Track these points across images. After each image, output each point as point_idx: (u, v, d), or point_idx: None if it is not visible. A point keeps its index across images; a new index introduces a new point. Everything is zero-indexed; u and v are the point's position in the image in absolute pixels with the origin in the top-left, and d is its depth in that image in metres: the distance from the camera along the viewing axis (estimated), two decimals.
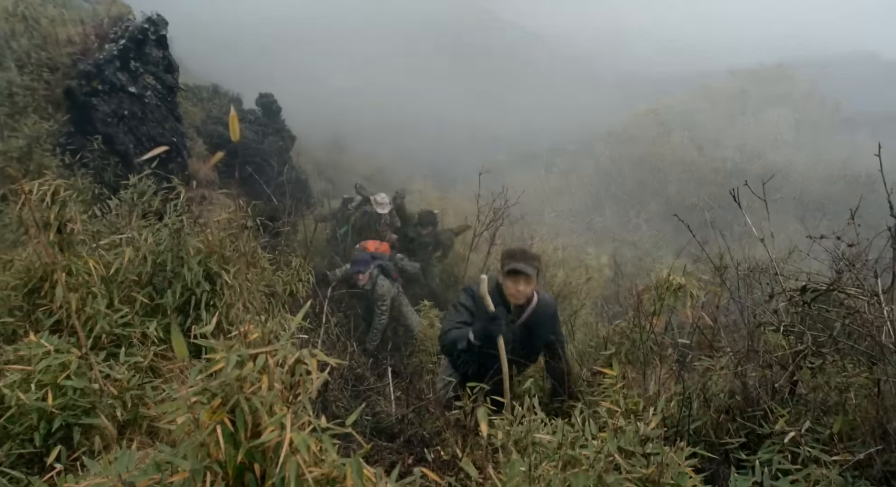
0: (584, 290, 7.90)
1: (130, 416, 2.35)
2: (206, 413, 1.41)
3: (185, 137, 6.21)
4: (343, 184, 14.34)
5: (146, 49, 5.38)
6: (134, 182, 3.89)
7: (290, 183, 8.48)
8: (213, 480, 1.40)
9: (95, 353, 2.52)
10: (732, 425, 2.86)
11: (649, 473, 1.82)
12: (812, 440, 2.16)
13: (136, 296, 2.98)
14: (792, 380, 2.74)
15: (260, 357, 1.54)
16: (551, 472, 1.80)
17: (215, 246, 3.35)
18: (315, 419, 1.57)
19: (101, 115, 4.99)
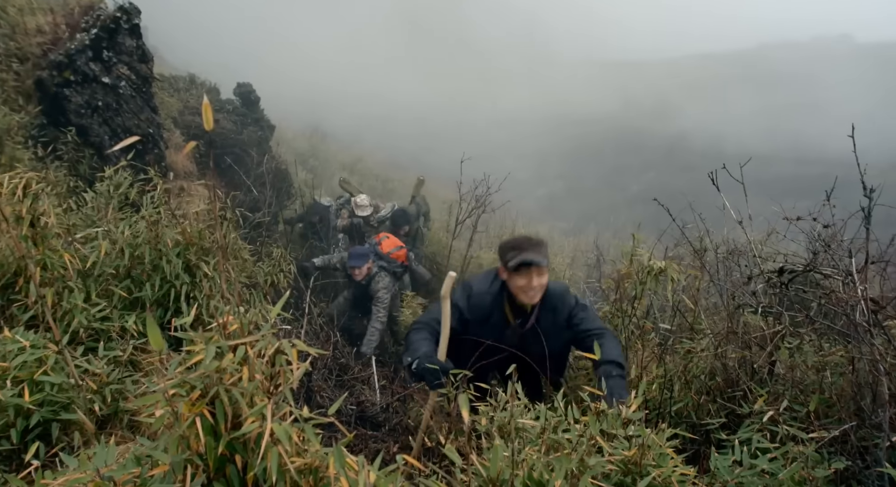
0: (566, 276, 7.95)
1: (111, 411, 2.33)
2: (186, 405, 1.39)
3: (162, 128, 6.11)
4: (325, 173, 14.27)
5: (119, 38, 5.27)
6: (110, 174, 3.83)
7: (271, 173, 8.40)
8: (194, 473, 1.39)
9: (73, 348, 2.49)
10: (713, 406, 2.91)
11: (631, 455, 1.83)
12: (790, 418, 2.19)
13: (114, 290, 2.95)
14: (770, 360, 2.78)
15: (240, 348, 1.53)
16: (534, 456, 1.81)
17: (194, 237, 3.32)
18: (297, 409, 1.56)
19: (73, 107, 4.89)
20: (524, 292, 2.95)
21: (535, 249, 2.92)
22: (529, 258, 2.86)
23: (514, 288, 2.98)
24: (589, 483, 1.60)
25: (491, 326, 3.06)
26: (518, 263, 2.88)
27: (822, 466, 1.89)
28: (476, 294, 3.11)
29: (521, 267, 2.89)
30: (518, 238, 3.11)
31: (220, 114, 9.19)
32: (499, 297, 3.10)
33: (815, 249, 2.61)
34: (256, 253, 5.68)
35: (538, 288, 2.93)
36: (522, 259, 2.87)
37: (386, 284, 6.12)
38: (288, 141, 15.49)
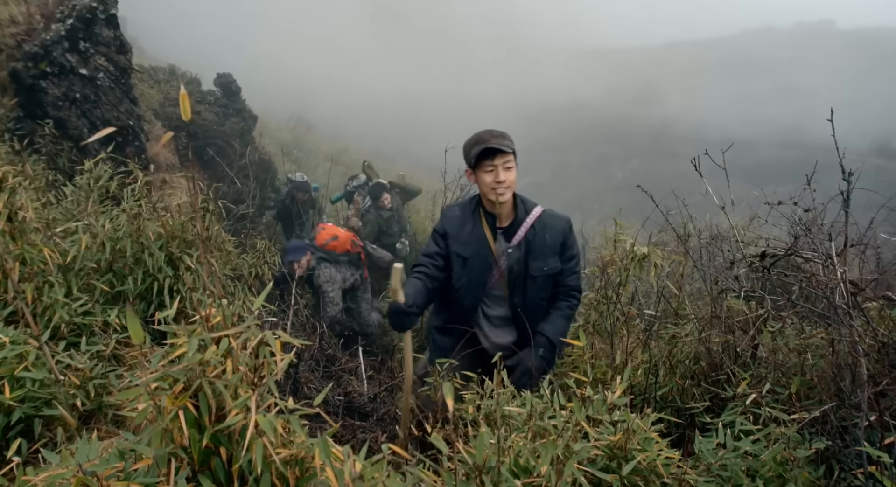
0: None
1: (94, 406, 2.31)
2: (169, 398, 1.38)
3: (143, 120, 6.03)
4: (309, 164, 14.18)
5: (96, 29, 5.18)
6: (89, 167, 3.78)
7: (254, 164, 8.33)
8: (178, 466, 1.38)
9: (55, 343, 2.46)
10: (697, 390, 2.94)
11: (616, 440, 1.85)
12: (772, 401, 2.22)
13: (96, 284, 2.91)
14: (753, 344, 2.82)
15: (223, 340, 1.52)
16: (521, 443, 1.82)
17: (176, 230, 3.28)
18: (282, 400, 1.56)
19: (51, 99, 4.81)
20: (492, 190, 2.73)
21: (498, 140, 2.70)
22: (491, 144, 2.65)
23: (481, 188, 2.79)
24: (574, 468, 1.62)
25: (468, 239, 2.87)
26: (479, 152, 2.66)
27: (803, 446, 1.92)
28: (447, 208, 3.06)
29: (483, 157, 2.68)
30: (479, 132, 2.80)
31: (202, 105, 9.08)
32: (469, 206, 2.94)
33: (795, 233, 2.64)
34: (241, 245, 5.64)
35: (507, 183, 2.72)
36: (483, 146, 2.66)
37: (329, 276, 5.77)
38: (271, 132, 15.38)
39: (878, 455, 1.72)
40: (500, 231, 2.89)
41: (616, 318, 3.63)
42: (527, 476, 1.65)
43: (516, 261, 2.84)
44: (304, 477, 1.47)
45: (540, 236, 2.85)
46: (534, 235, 2.85)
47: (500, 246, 2.88)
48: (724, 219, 3.52)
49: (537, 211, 2.90)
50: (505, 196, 2.75)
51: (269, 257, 4.54)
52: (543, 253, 2.85)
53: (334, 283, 5.76)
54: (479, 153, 2.67)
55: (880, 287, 2.58)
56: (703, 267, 3.77)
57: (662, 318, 3.88)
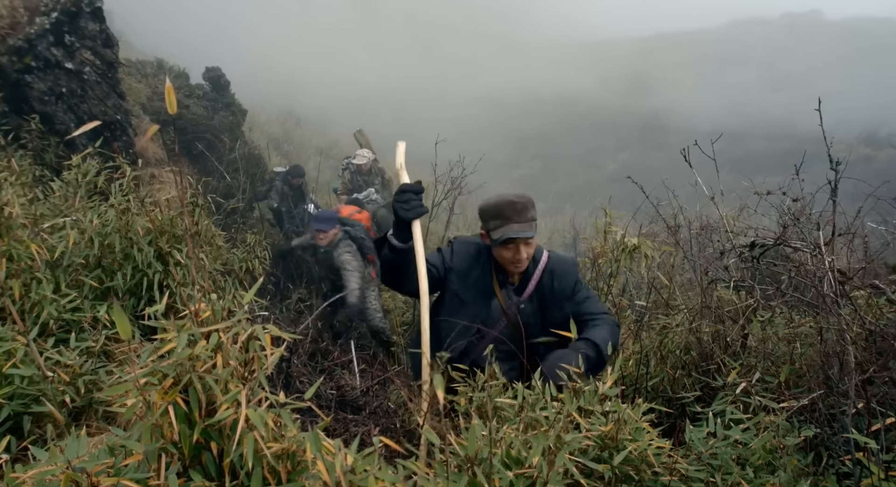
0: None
1: (84, 402, 2.30)
2: (158, 393, 1.38)
3: (130, 115, 5.98)
4: (299, 158, 14.12)
5: (81, 22, 5.12)
6: (77, 162, 3.74)
7: (244, 159, 8.29)
8: (169, 461, 1.37)
9: (44, 340, 2.45)
10: (688, 380, 2.96)
11: (607, 430, 1.86)
12: (762, 389, 2.24)
13: (85, 280, 2.89)
14: (743, 334, 2.83)
15: (213, 335, 1.51)
16: (512, 435, 1.83)
17: (165, 225, 3.26)
18: (273, 394, 1.55)
19: (36, 94, 4.76)
20: (510, 264, 2.62)
21: (521, 217, 2.53)
22: (514, 233, 2.49)
23: (497, 259, 2.66)
24: (566, 458, 1.62)
25: (475, 283, 2.70)
26: (502, 239, 2.52)
27: (791, 434, 1.93)
28: (461, 241, 2.80)
29: (506, 242, 2.55)
30: (500, 202, 2.58)
31: (190, 99, 9.02)
32: (484, 253, 2.74)
33: (784, 223, 2.65)
34: (231, 239, 5.62)
35: (526, 258, 2.59)
36: (507, 235, 2.50)
37: (352, 250, 5.68)
38: (261, 126, 15.30)
39: (865, 441, 1.74)
40: (512, 286, 2.73)
41: (607, 309, 3.64)
42: (519, 467, 1.66)
43: (532, 315, 2.68)
44: (296, 471, 1.47)
45: (550, 285, 2.70)
46: (544, 286, 2.70)
47: (510, 299, 2.72)
48: (713, 209, 3.53)
49: (544, 258, 2.75)
50: (522, 268, 2.64)
51: (259, 252, 4.52)
52: (557, 302, 2.69)
53: (354, 267, 5.62)
54: (504, 241, 2.52)
55: (868, 275, 2.60)
56: (694, 257, 3.78)
57: (653, 309, 3.90)
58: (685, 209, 4.09)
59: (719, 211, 3.36)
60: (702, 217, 4.35)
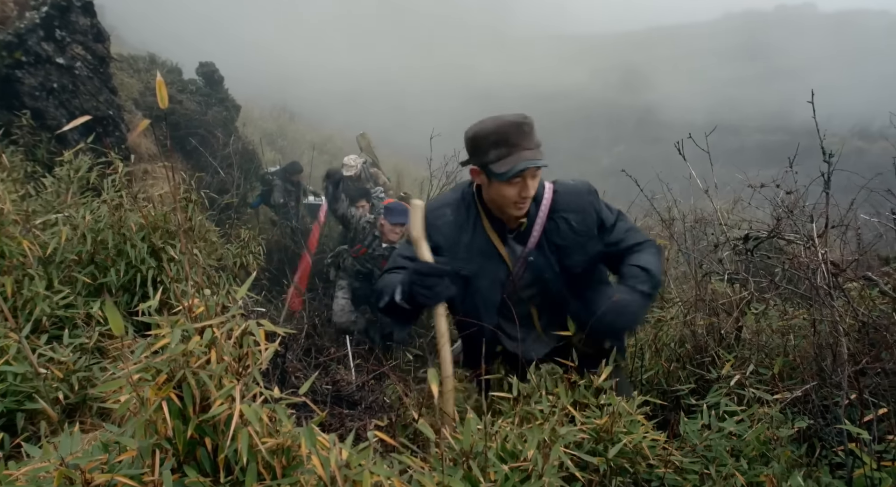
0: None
1: (79, 399, 2.29)
2: (152, 389, 1.37)
3: (123, 110, 5.94)
4: (294, 153, 14.08)
5: (72, 17, 5.08)
6: (69, 158, 3.72)
7: (237, 154, 8.26)
8: (163, 457, 1.37)
9: (37, 336, 2.44)
10: (683, 372, 2.97)
11: (602, 423, 1.87)
12: (756, 381, 2.25)
13: (78, 277, 2.88)
14: (737, 326, 2.84)
15: (206, 330, 1.51)
16: (507, 428, 1.83)
17: (158, 221, 3.25)
18: (268, 389, 1.55)
19: (27, 89, 4.72)
20: (514, 205, 2.08)
21: (530, 141, 2.03)
22: (527, 162, 1.98)
23: (497, 200, 2.11)
24: (561, 451, 1.63)
25: (470, 251, 2.18)
26: (512, 173, 1.98)
27: (785, 426, 1.94)
28: (431, 209, 2.20)
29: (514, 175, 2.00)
30: (503, 125, 2.03)
31: (183, 94, 8.98)
32: (463, 204, 2.22)
33: (778, 215, 2.66)
34: (226, 235, 5.61)
35: (529, 197, 2.09)
36: (518, 166, 1.97)
37: None
38: (254, 121, 15.24)
39: (857, 432, 1.75)
40: (511, 234, 2.22)
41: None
42: (514, 460, 1.66)
43: (545, 267, 2.20)
44: (291, 466, 1.47)
45: (564, 226, 2.19)
46: (556, 227, 2.19)
47: (515, 254, 2.22)
48: (708, 202, 3.54)
49: (548, 193, 2.20)
50: (526, 208, 2.13)
51: (253, 247, 4.51)
52: (577, 243, 2.20)
53: None
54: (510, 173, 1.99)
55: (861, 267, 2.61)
56: (688, 250, 3.79)
57: None
58: (679, 202, 4.10)
59: (713, 204, 3.37)
60: (696, 210, 4.36)
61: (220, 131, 8.58)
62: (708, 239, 4.09)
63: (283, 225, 8.01)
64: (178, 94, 8.80)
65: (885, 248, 3.41)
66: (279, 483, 1.41)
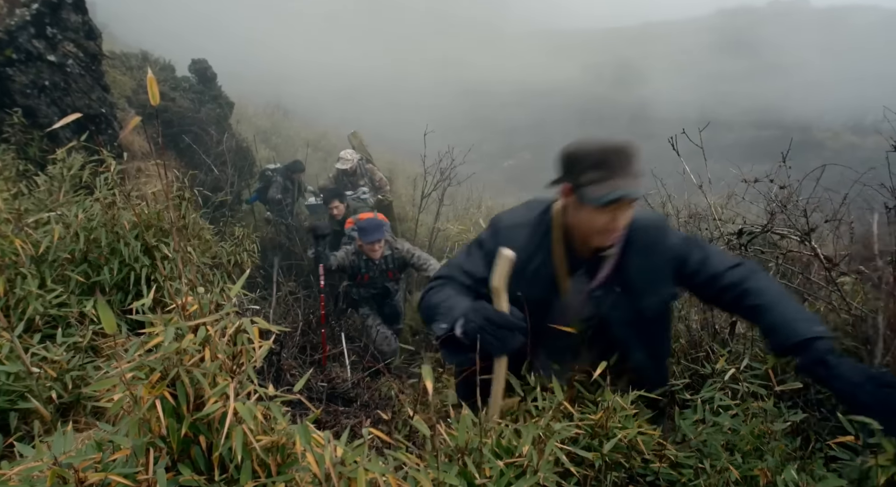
0: None
1: (73, 398, 2.29)
2: (145, 388, 1.37)
3: (116, 108, 5.92)
4: (288, 150, 14.05)
5: (63, 14, 5.05)
6: (62, 156, 3.70)
7: (231, 151, 8.24)
8: (157, 455, 1.37)
9: (30, 336, 2.43)
10: (677, 367, 2.97)
11: (597, 419, 1.87)
12: (750, 376, 2.25)
13: (71, 275, 2.87)
14: (731, 321, 2.85)
15: (200, 328, 1.50)
16: (503, 424, 1.83)
17: (152, 219, 3.24)
18: (262, 387, 1.55)
19: (18, 87, 4.69)
20: (599, 235, 1.91)
21: (630, 171, 1.83)
22: (624, 192, 1.79)
23: (582, 226, 1.93)
24: (556, 447, 1.63)
25: (534, 278, 2.01)
26: (608, 199, 1.79)
27: (779, 420, 1.95)
28: (506, 227, 2.08)
29: (608, 204, 1.81)
30: (606, 148, 1.85)
31: (176, 91, 8.95)
32: (540, 227, 2.06)
33: (771, 210, 2.66)
34: (220, 232, 5.59)
35: (621, 228, 1.91)
36: (614, 194, 1.79)
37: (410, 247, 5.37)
38: (248, 118, 15.20)
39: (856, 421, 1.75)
40: (582, 267, 2.05)
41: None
42: (509, 456, 1.66)
43: (611, 305, 2.03)
44: (286, 463, 1.47)
45: (640, 264, 2.01)
46: (630, 264, 2.01)
47: (580, 287, 2.06)
48: (702, 197, 3.54)
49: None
50: (612, 242, 1.95)
51: (247, 245, 4.50)
52: (651, 284, 2.02)
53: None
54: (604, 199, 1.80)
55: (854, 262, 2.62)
56: None
57: None
58: (673, 198, 4.10)
59: (707, 199, 3.37)
60: (690, 205, 4.37)
61: (214, 128, 8.55)
62: (702, 234, 4.10)
63: (277, 222, 7.99)
64: (170, 92, 8.76)
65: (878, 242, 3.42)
66: (274, 481, 1.41)
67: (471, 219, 8.01)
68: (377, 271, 5.24)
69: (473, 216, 8.17)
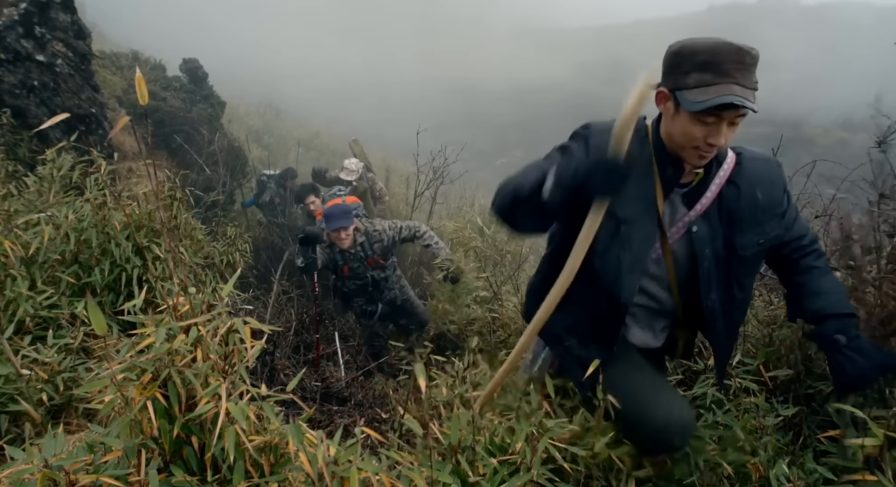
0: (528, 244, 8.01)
1: (65, 399, 2.27)
2: (137, 389, 1.36)
3: (106, 108, 5.87)
4: (280, 149, 14.01)
5: (52, 13, 5.01)
6: (52, 156, 3.68)
7: (223, 151, 8.20)
8: (149, 457, 1.36)
9: (20, 337, 2.41)
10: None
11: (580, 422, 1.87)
12: (742, 371, 2.26)
13: (61, 276, 2.85)
14: None
15: (192, 329, 1.50)
16: (496, 422, 1.83)
17: (143, 219, 3.22)
18: (255, 387, 1.54)
19: (7, 87, 4.66)
20: (693, 149, 1.68)
21: (746, 77, 1.59)
22: (734, 98, 1.55)
23: (676, 136, 1.70)
24: (548, 444, 1.63)
25: (637, 193, 1.77)
26: (711, 104, 1.56)
27: (771, 414, 1.96)
28: (598, 131, 1.78)
29: (713, 110, 1.58)
30: (718, 46, 1.59)
31: (167, 91, 8.90)
32: (642, 139, 1.80)
33: None
34: (213, 232, 5.57)
35: (722, 146, 1.66)
36: (721, 99, 1.55)
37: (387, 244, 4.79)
38: (240, 118, 15.15)
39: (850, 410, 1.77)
40: (681, 189, 1.82)
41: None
42: (502, 454, 1.67)
43: (706, 239, 1.80)
44: (279, 463, 1.47)
45: (746, 195, 1.79)
46: (736, 194, 1.79)
47: (675, 213, 1.82)
48: None
49: (731, 158, 1.81)
50: (709, 158, 1.71)
51: (240, 244, 4.48)
52: (757, 219, 1.81)
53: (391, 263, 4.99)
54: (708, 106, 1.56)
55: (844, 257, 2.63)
56: None
57: None
58: None
59: None
60: None
61: (206, 128, 8.51)
62: None
63: (270, 222, 7.99)
64: (161, 92, 8.71)
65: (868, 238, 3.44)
66: (267, 481, 1.41)
67: (464, 217, 8.01)
68: (355, 261, 4.78)
69: (467, 214, 8.18)
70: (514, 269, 5.96)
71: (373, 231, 4.75)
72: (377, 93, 28.37)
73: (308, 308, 5.79)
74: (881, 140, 2.28)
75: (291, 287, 6.30)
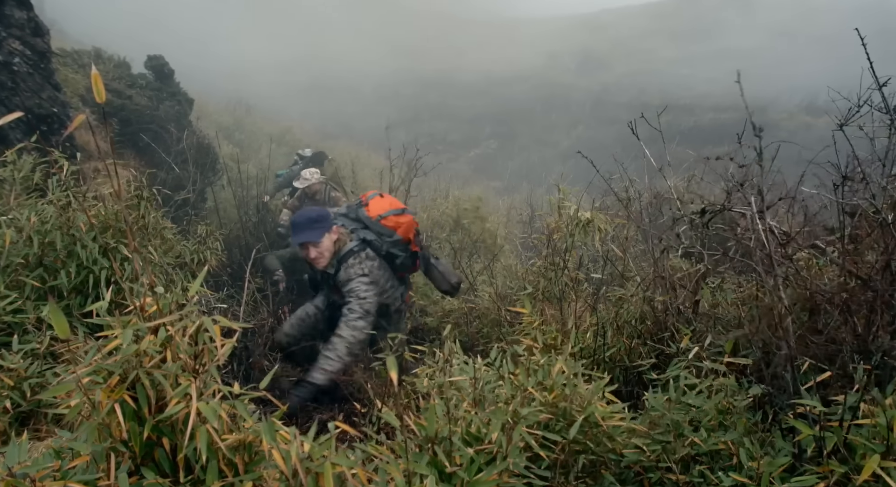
0: (502, 235, 8.05)
1: (33, 406, 2.23)
2: (103, 392, 1.34)
3: (69, 107, 5.73)
4: (252, 146, 13.84)
5: (6, 10, 4.87)
6: (12, 158, 3.58)
7: (193, 148, 8.06)
8: (119, 460, 1.34)
9: None
10: (644, 348, 3.02)
11: (554, 398, 1.89)
12: (713, 353, 2.30)
13: (26, 280, 2.78)
14: (694, 300, 2.91)
15: (160, 329, 1.47)
16: (471, 412, 1.84)
17: (110, 219, 3.16)
18: (227, 386, 1.52)
19: None
20: None
21: None
22: None
23: None
24: (523, 432, 1.64)
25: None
26: None
27: (741, 395, 2.00)
28: None
29: None
30: None
31: (133, 89, 8.71)
32: None
33: (729, 189, 2.71)
34: (184, 231, 5.49)
35: None
36: None
37: (367, 269, 3.53)
38: (210, 115, 14.91)
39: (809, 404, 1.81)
40: None
41: (564, 284, 3.69)
42: (479, 443, 1.67)
43: None
44: (253, 461, 1.45)
45: None
46: None
47: None
48: (664, 181, 3.59)
49: None
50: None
51: (211, 243, 4.42)
52: None
53: (375, 286, 3.57)
54: None
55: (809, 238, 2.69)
56: (646, 227, 3.85)
57: (609, 281, 3.96)
58: (636, 181, 4.15)
59: (667, 180, 3.42)
60: (652, 188, 4.43)
61: (174, 126, 8.35)
62: (665, 216, 4.16)
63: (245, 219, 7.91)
64: (127, 90, 8.52)
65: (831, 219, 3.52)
66: (241, 480, 1.40)
67: (438, 209, 8.00)
68: (325, 284, 3.86)
69: (441, 206, 8.17)
70: (490, 260, 5.98)
71: (346, 262, 3.59)
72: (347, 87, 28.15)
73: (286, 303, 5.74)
74: (843, 122, 2.33)
75: (266, 284, 6.23)
